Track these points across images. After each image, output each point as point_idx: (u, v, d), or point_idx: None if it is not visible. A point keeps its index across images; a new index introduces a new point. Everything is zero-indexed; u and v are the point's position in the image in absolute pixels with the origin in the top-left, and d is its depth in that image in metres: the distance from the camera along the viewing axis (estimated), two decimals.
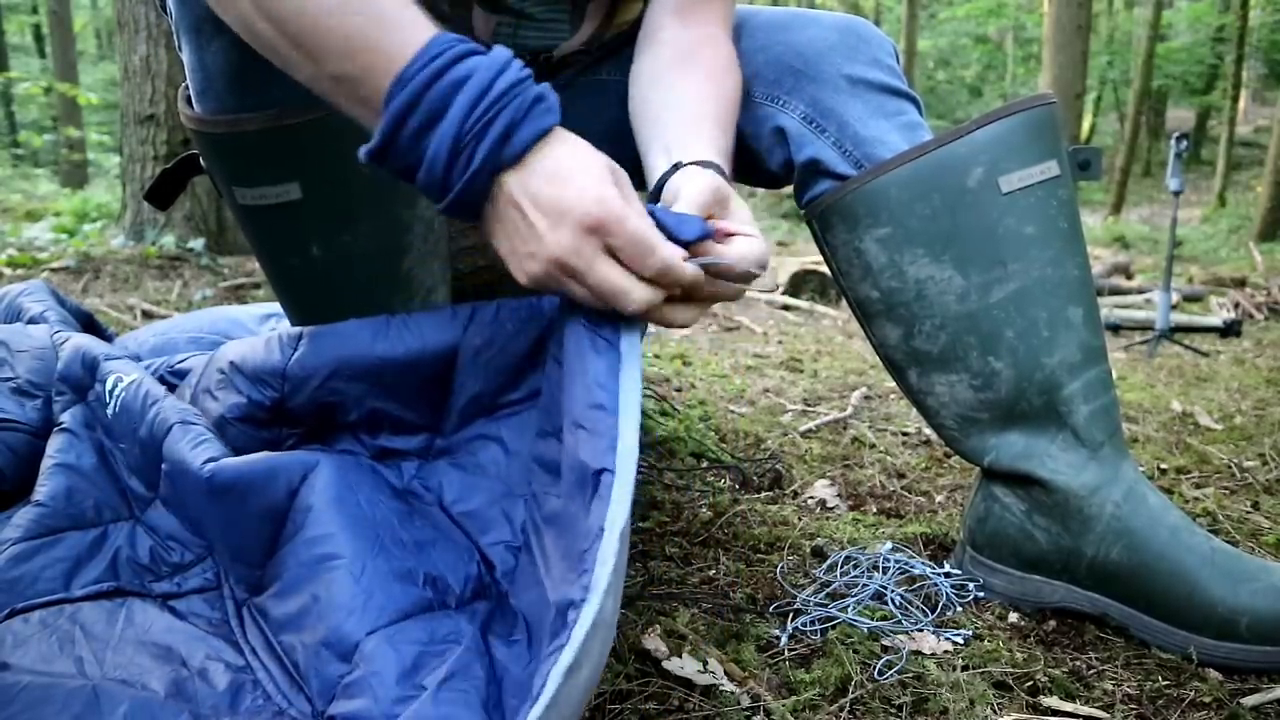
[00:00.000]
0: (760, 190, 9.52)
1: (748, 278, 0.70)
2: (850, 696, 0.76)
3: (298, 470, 0.77)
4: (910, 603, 0.93)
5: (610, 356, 0.67)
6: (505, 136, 0.63)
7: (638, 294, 0.64)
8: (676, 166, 0.76)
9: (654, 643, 0.81)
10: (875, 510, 1.25)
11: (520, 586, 0.73)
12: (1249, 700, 0.77)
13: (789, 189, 0.98)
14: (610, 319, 0.68)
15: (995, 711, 0.75)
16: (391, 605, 0.68)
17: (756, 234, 0.72)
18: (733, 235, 0.71)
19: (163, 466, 0.82)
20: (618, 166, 0.67)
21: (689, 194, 0.71)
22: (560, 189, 0.63)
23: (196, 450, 0.79)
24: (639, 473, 1.29)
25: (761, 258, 0.70)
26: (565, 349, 0.70)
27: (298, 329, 0.88)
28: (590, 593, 0.56)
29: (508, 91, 0.63)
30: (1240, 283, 5.65)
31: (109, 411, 0.88)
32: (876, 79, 0.92)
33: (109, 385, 0.89)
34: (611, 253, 0.64)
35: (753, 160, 0.96)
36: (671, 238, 0.66)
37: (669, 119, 0.82)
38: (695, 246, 0.68)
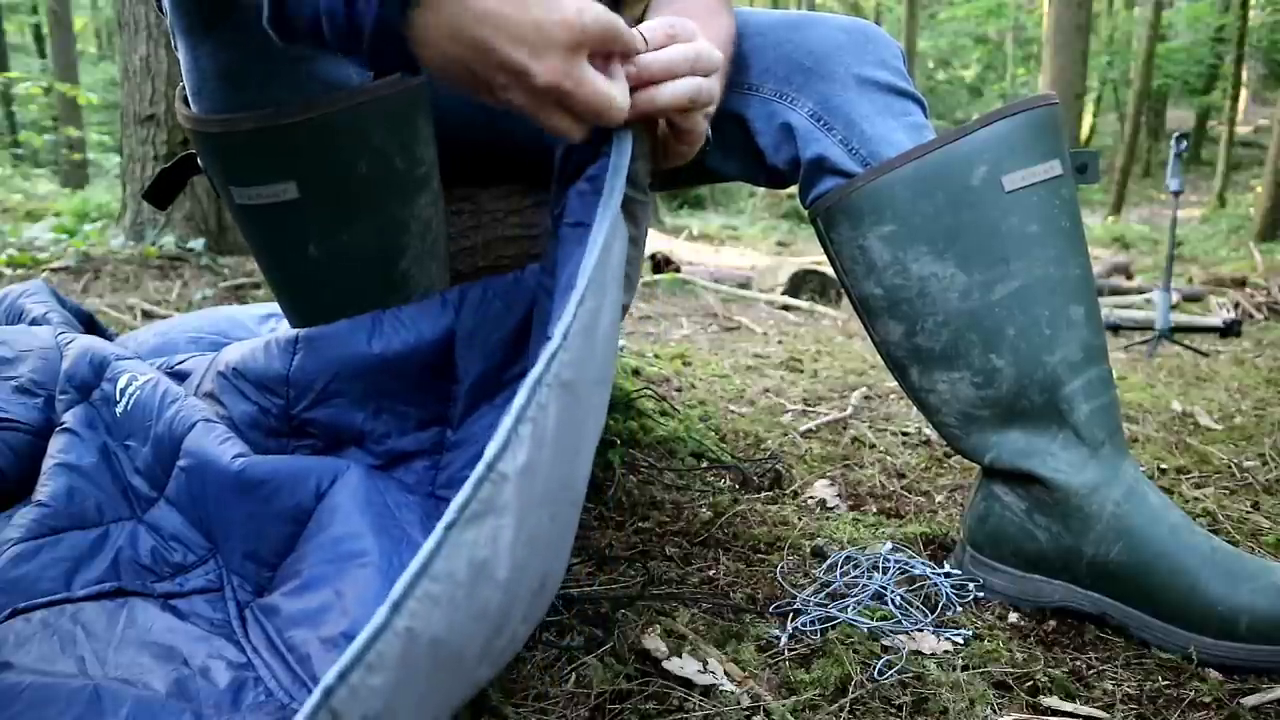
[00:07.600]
0: (760, 190, 9.54)
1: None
2: (850, 696, 0.76)
3: (328, 474, 0.78)
4: (910, 603, 0.93)
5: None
6: None
7: (622, 99, 0.62)
8: None
9: (654, 643, 0.81)
10: (875, 510, 1.25)
11: None
12: (1249, 700, 0.77)
13: (789, 190, 0.98)
14: (590, 208, 0.64)
15: (995, 711, 0.75)
16: None
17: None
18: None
19: (179, 462, 0.82)
20: None
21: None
22: (528, 6, 0.57)
23: (224, 446, 0.80)
24: (640, 472, 1.29)
25: (690, 37, 0.67)
26: (556, 261, 0.68)
27: (293, 332, 0.88)
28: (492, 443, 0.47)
29: None
30: (1240, 283, 5.65)
31: (118, 410, 0.88)
32: (884, 79, 0.93)
33: (121, 384, 0.89)
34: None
35: (758, 156, 0.96)
36: None
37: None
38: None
